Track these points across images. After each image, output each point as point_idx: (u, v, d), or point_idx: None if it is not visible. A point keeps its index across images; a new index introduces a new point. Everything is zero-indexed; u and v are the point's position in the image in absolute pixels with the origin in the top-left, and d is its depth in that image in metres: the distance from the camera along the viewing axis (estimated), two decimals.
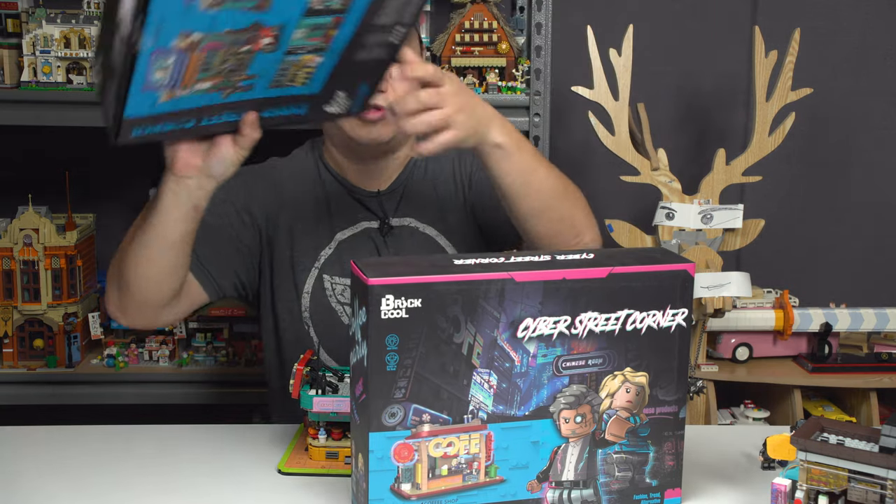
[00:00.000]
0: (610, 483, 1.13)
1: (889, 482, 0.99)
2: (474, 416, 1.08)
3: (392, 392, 1.05)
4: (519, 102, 2.11)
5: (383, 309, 1.02)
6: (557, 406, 1.10)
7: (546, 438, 1.10)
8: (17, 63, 2.12)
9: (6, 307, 2.13)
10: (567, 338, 1.09)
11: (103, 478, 1.25)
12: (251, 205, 1.62)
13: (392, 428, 1.05)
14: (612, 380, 1.11)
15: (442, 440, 1.07)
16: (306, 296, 1.60)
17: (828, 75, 2.46)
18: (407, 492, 1.07)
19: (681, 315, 1.12)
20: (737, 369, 2.21)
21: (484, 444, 1.08)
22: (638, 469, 1.14)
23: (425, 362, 1.05)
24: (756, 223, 2.18)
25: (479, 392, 1.07)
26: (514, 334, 1.07)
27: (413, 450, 1.06)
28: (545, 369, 1.09)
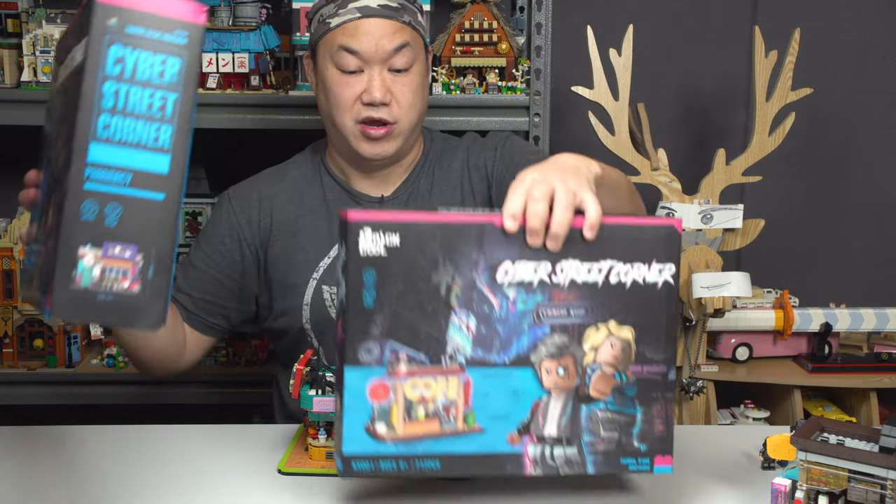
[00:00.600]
0: (595, 443, 1.09)
1: (889, 482, 0.99)
2: (452, 359, 1.06)
3: (369, 328, 1.04)
4: (519, 102, 2.11)
5: (361, 244, 1.03)
6: (539, 355, 1.07)
7: (527, 389, 1.07)
8: (17, 63, 2.13)
9: (6, 307, 2.13)
10: (548, 286, 1.07)
11: (103, 478, 1.25)
12: (242, 231, 1.62)
13: (368, 364, 1.04)
14: (595, 332, 1.08)
15: (419, 381, 1.05)
16: (306, 307, 1.59)
17: (828, 75, 2.46)
18: (382, 433, 1.05)
19: (668, 271, 1.10)
20: (737, 369, 2.21)
21: (462, 390, 1.06)
22: (625, 430, 1.10)
23: (403, 300, 1.04)
24: (756, 223, 2.18)
25: (457, 334, 1.06)
26: (493, 277, 1.06)
27: (389, 389, 1.04)
28: (525, 316, 1.07)
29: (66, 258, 0.94)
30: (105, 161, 0.94)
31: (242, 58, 2.10)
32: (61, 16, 2.07)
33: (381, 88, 1.52)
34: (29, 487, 1.23)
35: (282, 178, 1.67)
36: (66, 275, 0.94)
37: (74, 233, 0.94)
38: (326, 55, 1.55)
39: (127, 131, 0.95)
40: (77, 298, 0.94)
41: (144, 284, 0.96)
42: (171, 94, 0.97)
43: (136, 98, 0.95)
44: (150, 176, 0.96)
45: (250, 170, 1.78)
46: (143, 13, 0.95)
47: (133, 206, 0.96)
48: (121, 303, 0.96)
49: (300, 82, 2.12)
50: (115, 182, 0.95)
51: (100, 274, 0.95)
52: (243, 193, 1.66)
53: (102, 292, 0.95)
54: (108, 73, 0.94)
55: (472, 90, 2.11)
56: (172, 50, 0.96)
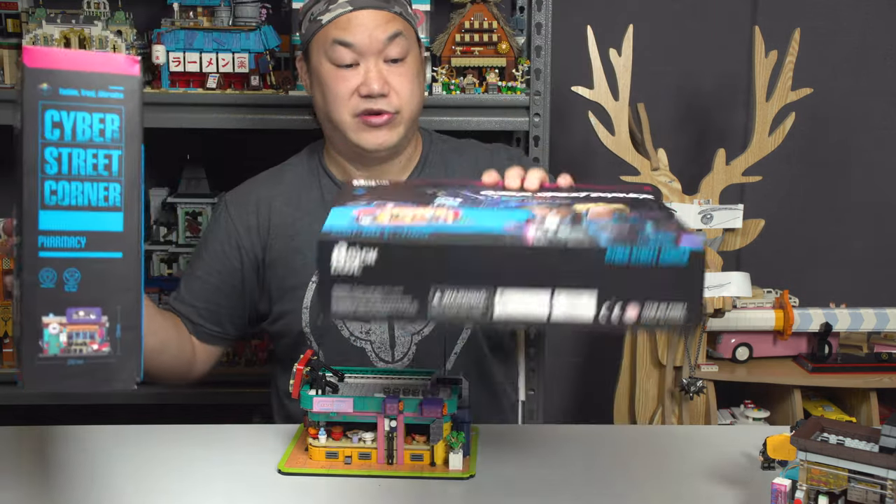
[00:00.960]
0: (605, 228, 0.96)
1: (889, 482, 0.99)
2: (440, 207, 1.01)
3: (357, 199, 1.03)
4: (519, 102, 2.11)
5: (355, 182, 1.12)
6: (531, 205, 1.03)
7: (520, 215, 0.99)
8: (17, 63, 2.12)
9: (6, 307, 2.13)
10: (530, 198, 1.07)
11: (104, 478, 1.25)
12: (240, 239, 1.62)
13: (355, 204, 1.00)
14: (584, 204, 1.03)
15: (406, 209, 1.00)
16: (305, 311, 1.59)
17: (828, 75, 2.46)
18: (366, 222, 0.96)
19: (649, 196, 1.08)
20: (737, 369, 2.21)
21: (451, 214, 0.99)
22: (637, 226, 0.97)
23: (390, 192, 1.07)
24: (756, 223, 2.18)
25: (445, 200, 1.04)
26: (477, 194, 1.07)
27: (374, 212, 0.99)
28: (510, 202, 1.05)
29: (31, 329, 0.94)
30: (57, 227, 0.94)
31: (242, 58, 2.10)
32: (61, 16, 2.07)
33: (378, 80, 1.52)
34: (29, 487, 1.23)
35: (278, 180, 1.67)
36: (32, 345, 0.94)
37: (36, 302, 0.93)
38: (320, 51, 1.55)
39: (75, 194, 0.94)
40: (47, 367, 0.94)
41: (114, 344, 0.96)
42: (114, 152, 0.96)
43: (79, 160, 0.94)
44: (106, 235, 0.96)
45: (250, 170, 1.78)
46: (74, 73, 0.94)
47: (92, 268, 0.95)
48: (92, 365, 0.95)
49: (300, 82, 2.12)
50: (70, 247, 0.95)
51: (67, 340, 0.94)
52: (240, 199, 1.66)
53: (72, 357, 0.95)
54: (47, 138, 0.93)
55: (472, 90, 2.11)
56: (110, 107, 0.95)
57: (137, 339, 0.97)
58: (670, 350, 2.15)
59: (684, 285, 0.92)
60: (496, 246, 0.92)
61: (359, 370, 1.41)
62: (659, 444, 1.36)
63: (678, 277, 0.91)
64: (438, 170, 1.66)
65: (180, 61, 2.09)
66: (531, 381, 2.12)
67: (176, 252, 2.23)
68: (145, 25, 2.28)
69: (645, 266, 0.91)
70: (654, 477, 1.27)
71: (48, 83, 0.93)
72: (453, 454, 1.27)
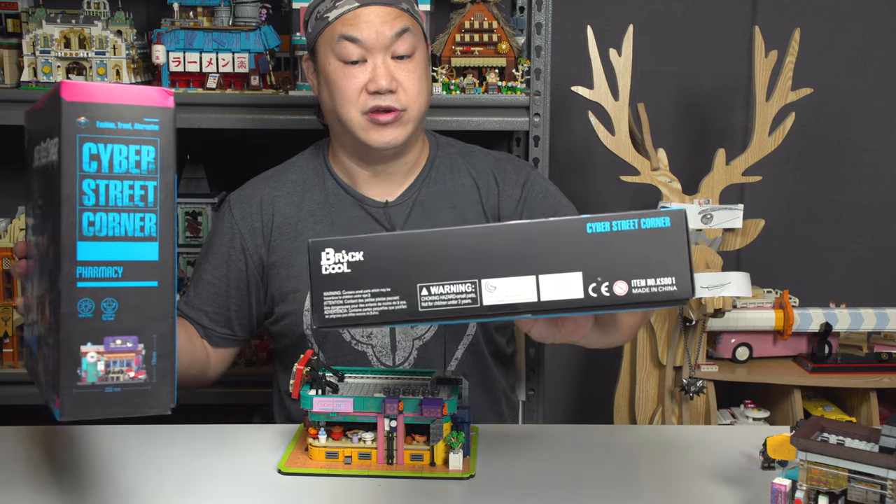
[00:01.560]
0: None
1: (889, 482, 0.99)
2: None
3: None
4: (519, 102, 2.11)
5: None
6: None
7: None
8: (17, 63, 2.13)
9: (6, 307, 2.13)
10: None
11: (103, 478, 1.25)
12: (244, 241, 1.62)
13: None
14: None
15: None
16: (307, 314, 1.59)
17: (828, 75, 2.46)
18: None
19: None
20: (737, 369, 2.21)
21: None
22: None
23: None
24: (756, 223, 2.18)
25: None
26: None
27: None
28: None
29: (69, 358, 0.95)
30: (94, 258, 0.96)
31: (242, 58, 2.10)
32: (61, 16, 2.07)
33: (387, 76, 1.51)
34: (29, 487, 1.23)
35: (282, 180, 1.66)
36: (71, 374, 0.95)
37: (74, 332, 0.95)
38: (327, 49, 1.54)
39: (112, 225, 0.96)
40: (86, 396, 0.96)
41: (150, 371, 0.98)
42: (150, 183, 0.98)
43: (116, 192, 0.96)
44: (142, 265, 0.98)
45: (250, 170, 1.78)
46: (111, 106, 0.95)
47: (128, 297, 0.97)
48: (129, 392, 0.97)
49: (300, 82, 2.12)
50: (107, 277, 0.96)
51: (104, 368, 0.96)
52: (244, 200, 1.65)
53: (110, 385, 0.97)
54: (84, 170, 0.95)
55: (472, 90, 2.11)
56: (145, 139, 0.97)
57: (172, 366, 0.99)
58: (670, 350, 2.15)
59: (670, 250, 0.92)
60: (477, 229, 0.94)
61: (359, 370, 1.41)
62: (659, 444, 1.36)
63: (662, 241, 0.92)
64: (444, 174, 1.65)
65: (180, 61, 2.09)
66: (531, 381, 2.12)
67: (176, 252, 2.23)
68: (145, 25, 2.29)
69: (627, 233, 0.92)
70: (654, 477, 1.27)
71: (85, 116, 0.94)
72: (453, 454, 1.27)
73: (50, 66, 2.07)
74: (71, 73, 2.08)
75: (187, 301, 1.63)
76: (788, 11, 2.45)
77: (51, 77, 2.07)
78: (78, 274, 0.95)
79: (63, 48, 2.07)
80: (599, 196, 2.51)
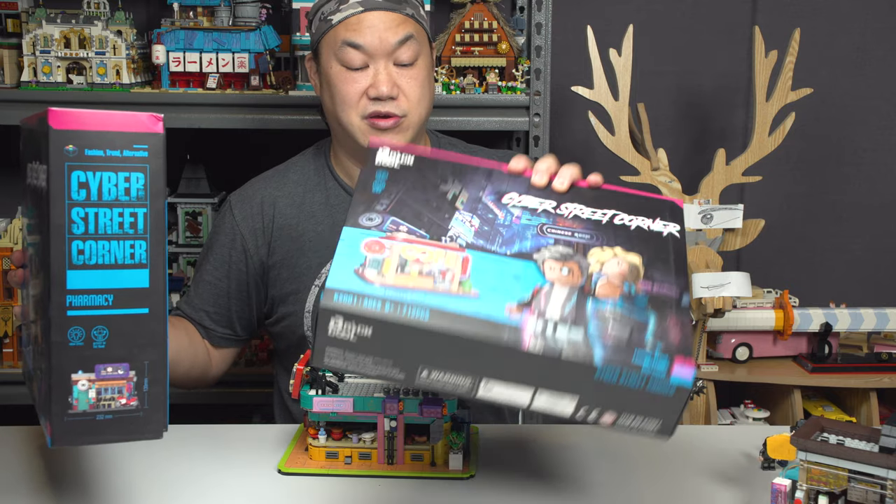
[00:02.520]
0: (604, 332, 0.94)
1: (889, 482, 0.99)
2: (453, 240, 1.00)
3: (373, 204, 1.02)
4: (519, 102, 2.11)
5: (378, 157, 1.08)
6: (542, 255, 1.00)
7: (529, 276, 0.98)
8: (17, 63, 2.13)
9: (6, 307, 2.13)
10: (552, 215, 1.06)
11: (104, 478, 1.25)
12: (245, 241, 1.62)
13: (367, 227, 0.99)
14: (601, 251, 1.02)
15: (416, 247, 0.99)
16: (307, 315, 1.59)
17: (828, 75, 2.46)
18: (371, 277, 0.94)
19: (673, 227, 1.08)
20: (737, 369, 2.21)
21: (460, 263, 0.98)
22: (637, 328, 0.95)
23: (411, 192, 1.04)
24: (756, 223, 2.18)
25: (460, 226, 1.02)
26: (499, 199, 1.07)
27: (384, 246, 0.98)
28: (529, 229, 1.04)
29: (60, 386, 0.95)
30: (84, 286, 0.95)
31: (242, 58, 2.10)
32: (61, 16, 2.07)
33: (388, 82, 1.50)
34: (29, 487, 1.23)
35: (284, 180, 1.66)
36: (62, 402, 0.95)
37: (64, 360, 0.94)
38: (330, 52, 1.53)
39: (102, 253, 0.95)
40: (77, 423, 0.96)
41: (141, 398, 0.98)
42: (140, 210, 0.97)
43: (105, 219, 0.95)
44: (132, 292, 0.97)
45: (250, 170, 1.78)
46: (99, 133, 0.94)
47: (119, 324, 0.96)
48: (121, 419, 0.97)
49: (300, 82, 2.12)
50: (97, 305, 0.95)
51: (96, 396, 0.96)
52: (245, 200, 1.65)
53: (101, 412, 0.96)
54: (73, 199, 0.94)
55: (472, 90, 2.11)
56: (135, 165, 0.96)
57: (164, 392, 0.99)
58: None
59: (664, 409, 0.95)
60: (490, 343, 0.92)
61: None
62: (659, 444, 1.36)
63: (660, 402, 0.94)
64: None
65: (180, 61, 2.09)
66: None
67: (176, 252, 2.23)
68: (145, 25, 2.29)
69: (631, 388, 0.93)
70: (654, 477, 1.27)
71: (74, 144, 0.94)
72: (453, 454, 1.27)
73: (50, 66, 2.07)
74: (71, 72, 2.08)
75: (188, 301, 1.63)
76: (788, 11, 2.45)
77: (51, 77, 2.07)
78: (68, 303, 0.94)
79: (63, 48, 2.07)
80: None
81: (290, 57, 2.19)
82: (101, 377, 0.96)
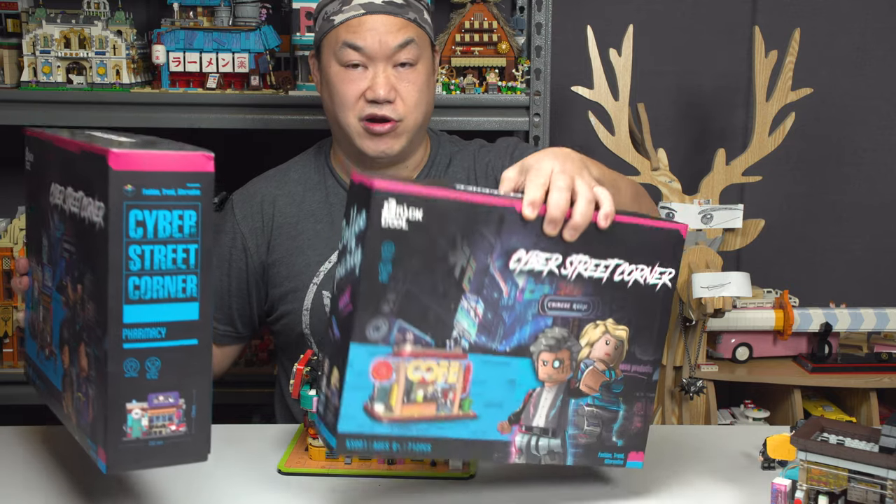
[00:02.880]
0: (578, 436, 1.15)
1: (889, 482, 0.99)
2: (457, 343, 1.06)
3: (380, 305, 1.01)
4: (519, 102, 2.11)
5: (385, 215, 0.99)
6: (538, 346, 1.10)
7: (523, 379, 1.11)
8: (17, 63, 2.12)
9: (6, 307, 2.13)
10: (556, 277, 1.09)
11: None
12: (245, 241, 1.63)
13: (375, 342, 1.01)
14: (593, 328, 1.13)
15: (422, 363, 1.04)
16: (306, 313, 1.59)
17: (828, 75, 2.46)
18: (379, 413, 1.03)
19: (667, 275, 1.15)
20: (737, 369, 2.21)
21: (462, 376, 1.07)
22: (606, 426, 1.16)
23: (417, 279, 1.03)
24: (756, 223, 2.18)
25: (464, 319, 1.06)
26: (507, 264, 1.07)
27: (392, 369, 1.03)
28: (531, 306, 1.09)
29: (115, 415, 0.99)
30: (140, 320, 0.99)
31: (242, 58, 2.10)
32: (61, 16, 2.07)
33: (386, 85, 1.50)
34: (29, 487, 1.23)
35: (284, 179, 1.66)
36: (117, 430, 0.99)
37: (120, 391, 0.99)
38: (330, 52, 1.53)
39: (156, 288, 1.00)
40: (131, 450, 1.00)
41: (189, 423, 1.02)
42: (192, 246, 1.01)
43: (160, 256, 1.00)
44: (183, 325, 1.01)
45: (250, 170, 1.78)
46: (156, 174, 0.98)
47: (171, 356, 1.01)
48: (171, 445, 1.02)
49: (300, 82, 2.12)
50: (151, 338, 1.00)
51: (148, 424, 1.01)
52: (246, 199, 1.65)
53: (153, 439, 1.01)
54: (131, 237, 0.98)
55: (472, 90, 2.11)
56: (188, 203, 1.00)
57: (208, 416, 1.03)
58: (670, 350, 2.15)
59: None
60: (482, 459, 1.11)
61: None
62: (659, 444, 1.36)
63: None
64: (441, 172, 1.65)
65: (180, 61, 2.09)
66: None
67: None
68: (145, 25, 2.29)
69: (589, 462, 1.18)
70: (654, 477, 1.27)
71: (132, 184, 0.97)
72: None
73: (50, 66, 2.07)
74: (71, 72, 2.08)
75: None
76: (788, 11, 2.45)
77: (51, 77, 2.07)
78: (124, 336, 0.99)
79: (63, 48, 2.07)
80: None
81: (290, 57, 2.19)
82: (154, 406, 1.01)
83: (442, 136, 1.71)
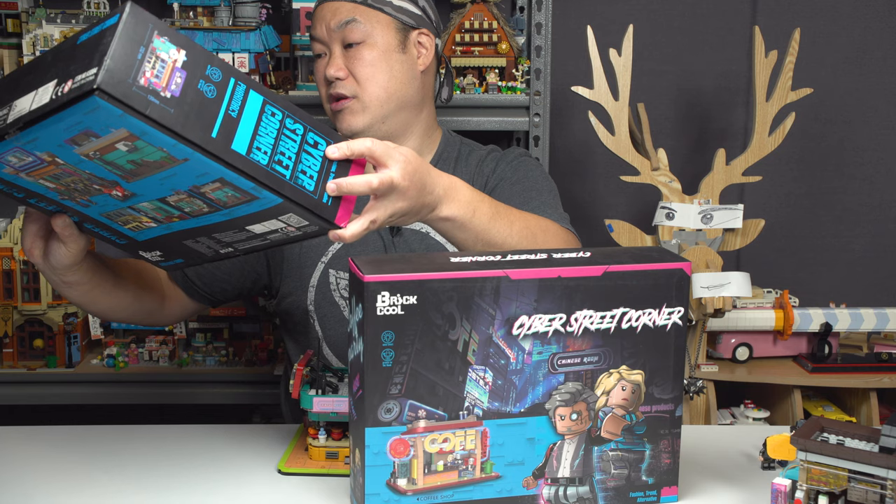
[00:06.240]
0: (606, 480, 1.14)
1: (889, 482, 0.99)
2: (469, 412, 1.08)
3: (388, 388, 1.05)
4: (519, 102, 2.11)
5: (379, 305, 1.03)
6: (553, 403, 1.10)
7: (542, 435, 1.11)
8: (17, 63, 2.13)
9: (6, 307, 2.13)
10: (562, 335, 1.09)
11: (104, 478, 1.25)
12: None
13: (388, 423, 1.06)
14: (607, 377, 1.12)
15: (437, 436, 1.08)
16: (312, 289, 1.60)
17: (828, 75, 2.46)
18: (403, 487, 1.07)
19: (676, 314, 1.13)
20: (737, 369, 2.21)
21: (480, 441, 1.09)
22: (634, 466, 1.15)
23: (421, 358, 1.05)
24: (756, 223, 2.18)
25: (474, 388, 1.08)
26: (510, 331, 1.08)
27: (409, 445, 1.07)
28: (540, 367, 1.09)
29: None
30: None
31: (242, 58, 2.10)
32: (61, 16, 2.07)
33: (334, 65, 1.58)
34: (29, 487, 1.23)
35: None
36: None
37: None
38: None
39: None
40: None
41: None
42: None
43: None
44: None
45: None
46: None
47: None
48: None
49: (300, 82, 2.12)
50: None
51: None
52: None
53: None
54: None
55: (472, 90, 2.11)
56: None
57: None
58: None
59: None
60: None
61: None
62: None
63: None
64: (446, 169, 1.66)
65: None
66: None
67: None
68: None
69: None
70: None
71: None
72: None
73: None
74: None
75: None
76: (788, 11, 2.45)
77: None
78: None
79: None
80: (599, 196, 2.51)
81: (290, 57, 2.19)
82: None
83: (455, 136, 1.72)
